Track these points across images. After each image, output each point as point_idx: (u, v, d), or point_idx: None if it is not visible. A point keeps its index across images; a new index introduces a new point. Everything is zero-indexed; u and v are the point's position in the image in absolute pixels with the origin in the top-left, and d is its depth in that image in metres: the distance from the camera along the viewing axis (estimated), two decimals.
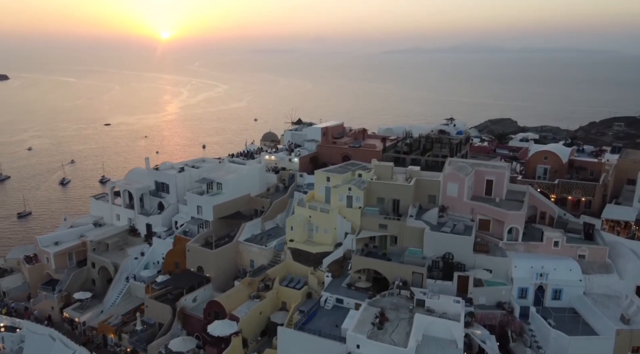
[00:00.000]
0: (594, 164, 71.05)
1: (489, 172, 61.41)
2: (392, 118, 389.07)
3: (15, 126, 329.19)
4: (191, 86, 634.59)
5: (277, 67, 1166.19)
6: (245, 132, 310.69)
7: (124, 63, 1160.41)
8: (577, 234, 59.34)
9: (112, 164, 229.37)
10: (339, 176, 65.84)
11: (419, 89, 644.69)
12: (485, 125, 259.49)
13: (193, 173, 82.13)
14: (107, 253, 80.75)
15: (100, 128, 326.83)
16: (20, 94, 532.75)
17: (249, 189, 78.54)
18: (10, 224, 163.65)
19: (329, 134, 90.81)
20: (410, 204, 61.21)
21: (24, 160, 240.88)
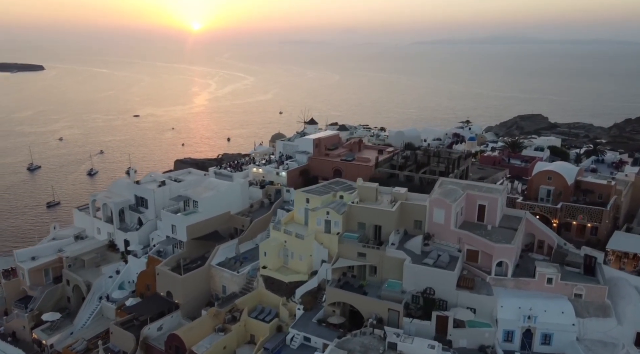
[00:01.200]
0: (602, 186, 64.15)
1: (481, 197, 55.58)
2: (417, 112, 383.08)
3: (48, 116, 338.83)
4: (219, 78, 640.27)
5: (305, 59, 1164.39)
6: (270, 125, 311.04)
7: (155, 55, 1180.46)
8: (576, 268, 53.48)
9: (138, 156, 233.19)
10: (317, 197, 60.22)
11: (449, 81, 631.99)
12: (514, 121, 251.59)
13: (173, 188, 77.04)
14: (83, 270, 76.00)
15: (129, 119, 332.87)
16: (55, 84, 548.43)
17: (229, 206, 73.15)
18: (39, 214, 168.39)
19: (321, 146, 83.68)
20: (393, 231, 55.72)
21: (54, 150, 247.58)
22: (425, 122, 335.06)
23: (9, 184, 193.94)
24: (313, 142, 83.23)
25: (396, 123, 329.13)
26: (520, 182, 69.57)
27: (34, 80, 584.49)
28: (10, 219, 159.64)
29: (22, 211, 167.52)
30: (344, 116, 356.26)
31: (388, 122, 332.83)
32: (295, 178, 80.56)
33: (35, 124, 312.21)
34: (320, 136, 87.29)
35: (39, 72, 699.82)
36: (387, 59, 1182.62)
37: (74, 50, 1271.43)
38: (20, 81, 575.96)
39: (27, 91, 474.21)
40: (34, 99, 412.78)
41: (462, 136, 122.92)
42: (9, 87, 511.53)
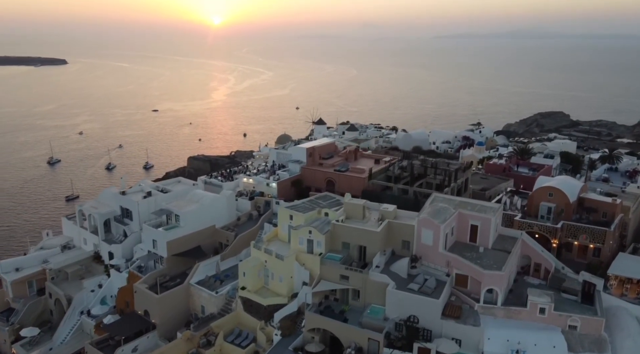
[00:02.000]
0: (606, 205, 59.70)
1: (474, 217, 51.96)
2: (436, 108, 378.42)
3: (69, 110, 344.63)
4: (238, 73, 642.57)
5: (324, 53, 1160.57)
6: (286, 120, 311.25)
7: (176, 49, 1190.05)
8: (573, 296, 49.23)
9: (155, 151, 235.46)
10: (301, 215, 56.39)
11: (470, 76, 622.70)
12: (535, 118, 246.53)
13: (159, 199, 73.21)
14: (66, 282, 73.16)
15: (148, 114, 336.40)
16: (77, 78, 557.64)
17: (213, 219, 69.86)
18: (59, 207, 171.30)
19: (315, 155, 79.31)
20: (378, 252, 52.13)
21: (74, 144, 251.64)
22: (443, 119, 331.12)
23: (30, 178, 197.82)
24: (306, 152, 79.13)
25: (414, 120, 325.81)
26: (520, 197, 65.06)
27: (56, 74, 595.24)
28: (29, 212, 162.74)
29: (41, 205, 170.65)
30: (360, 112, 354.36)
31: (406, 119, 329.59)
32: (287, 189, 76.59)
33: (56, 118, 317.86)
34: (315, 145, 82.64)
35: (62, 66, 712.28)
36: (407, 54, 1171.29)
37: (96, 45, 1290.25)
38: (43, 75, 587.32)
39: (49, 85, 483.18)
40: (56, 93, 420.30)
41: (472, 139, 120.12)
42: (32, 81, 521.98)
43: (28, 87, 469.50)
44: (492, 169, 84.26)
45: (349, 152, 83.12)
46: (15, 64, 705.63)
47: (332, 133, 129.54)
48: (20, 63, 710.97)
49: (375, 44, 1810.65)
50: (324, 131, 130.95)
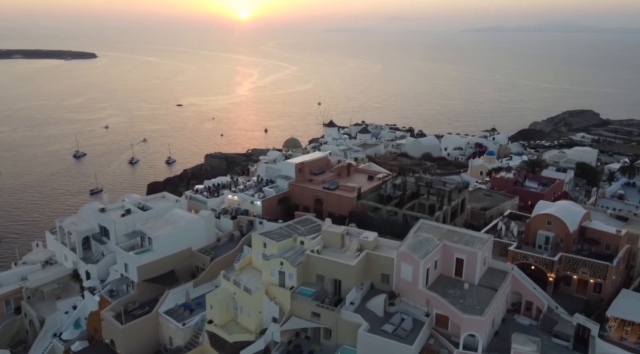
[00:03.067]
0: (610, 236, 53.81)
1: (459, 250, 47.69)
2: (461, 104, 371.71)
3: (96, 104, 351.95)
4: (262, 68, 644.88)
5: (349, 47, 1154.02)
6: (308, 116, 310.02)
7: (203, 43, 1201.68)
8: (565, 341, 44.31)
9: (177, 146, 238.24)
10: (274, 243, 52.34)
11: (497, 71, 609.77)
12: (563, 117, 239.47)
13: (138, 217, 68.84)
14: (42, 302, 69.92)
15: (172, 108, 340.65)
16: (105, 72, 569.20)
17: (190, 242, 65.44)
18: (83, 200, 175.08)
19: (305, 170, 74.27)
20: (354, 287, 47.79)
21: (99, 138, 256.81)
22: (468, 115, 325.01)
23: (55, 171, 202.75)
24: (295, 167, 73.92)
25: (438, 116, 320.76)
26: (517, 223, 59.56)
27: (86, 68, 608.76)
28: (53, 206, 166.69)
29: (66, 198, 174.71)
30: (382, 108, 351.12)
31: (429, 115, 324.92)
32: (273, 207, 71.43)
33: (83, 111, 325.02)
34: (305, 160, 76.77)
35: (91, 60, 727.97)
36: (433, 48, 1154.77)
37: (125, 39, 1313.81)
38: (73, 69, 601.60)
39: (78, 79, 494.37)
40: (84, 87, 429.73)
41: (485, 146, 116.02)
42: (62, 75, 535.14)
43: (58, 80, 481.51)
44: (498, 183, 78.61)
45: (342, 168, 77.18)
46: (48, 57, 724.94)
47: (343, 136, 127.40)
48: (52, 56, 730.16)
49: (401, 37, 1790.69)
50: (334, 134, 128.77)
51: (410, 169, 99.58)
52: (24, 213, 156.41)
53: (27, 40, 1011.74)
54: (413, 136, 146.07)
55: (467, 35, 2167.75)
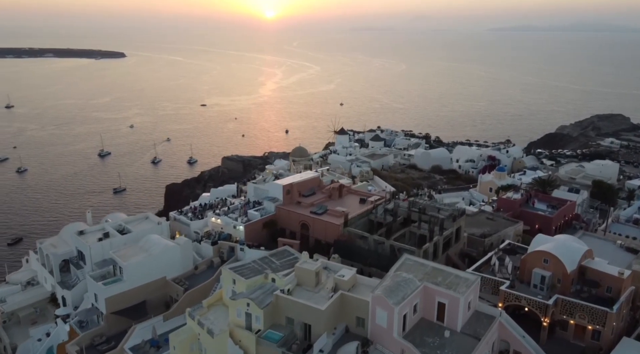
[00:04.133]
0: (611, 278, 48.59)
1: (441, 294, 43.84)
2: (486, 106, 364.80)
3: (122, 103, 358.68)
4: (286, 67, 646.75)
5: (373, 46, 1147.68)
6: (329, 117, 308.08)
7: (228, 43, 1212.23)
8: None
9: (199, 146, 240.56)
10: (243, 280, 48.49)
11: (525, 72, 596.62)
12: (591, 121, 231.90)
13: (116, 242, 65.06)
14: (17, 327, 67.47)
15: (196, 108, 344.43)
16: (133, 71, 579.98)
17: (164, 270, 61.27)
18: (106, 199, 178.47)
19: (293, 192, 69.34)
20: (325, 333, 43.75)
21: (124, 137, 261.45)
22: (494, 118, 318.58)
23: (80, 169, 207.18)
24: (283, 189, 68.82)
25: (462, 118, 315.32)
26: (512, 258, 53.97)
27: (115, 67, 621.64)
28: (76, 202, 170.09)
29: (89, 197, 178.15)
30: (405, 109, 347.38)
31: (453, 117, 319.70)
32: (257, 232, 66.32)
33: (110, 110, 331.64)
34: (294, 181, 71.21)
35: (120, 59, 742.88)
36: (459, 47, 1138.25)
37: (153, 38, 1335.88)
38: (102, 68, 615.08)
39: (107, 78, 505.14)
40: (112, 86, 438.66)
41: (498, 159, 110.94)
42: (92, 74, 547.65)
43: (87, 79, 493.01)
44: (504, 204, 72.62)
45: (333, 189, 71.30)
46: (78, 56, 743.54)
47: (353, 145, 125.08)
48: (82, 56, 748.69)
49: (427, 36, 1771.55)
50: (345, 142, 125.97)
51: (416, 184, 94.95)
52: (46, 212, 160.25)
53: (59, 39, 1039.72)
54: (429, 143, 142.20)
55: (494, 34, 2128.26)
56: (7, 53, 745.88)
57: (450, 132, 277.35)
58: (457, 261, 58.33)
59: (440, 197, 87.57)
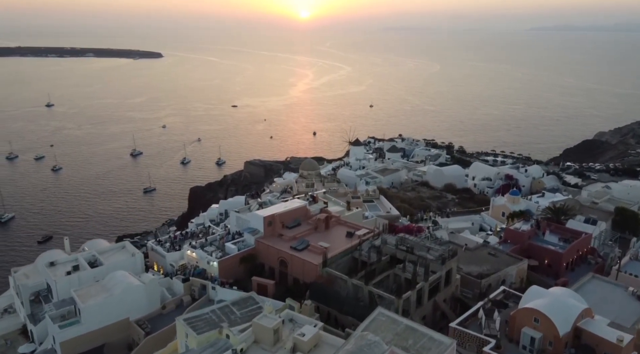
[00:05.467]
0: (609, 345, 42.34)
1: None
2: (523, 110, 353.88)
3: (156, 103, 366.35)
4: (317, 68, 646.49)
5: (407, 46, 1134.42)
6: (358, 119, 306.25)
7: (263, 43, 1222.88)
8: None
9: (227, 148, 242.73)
10: (194, 336, 44.63)
11: (564, 73, 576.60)
12: (632, 128, 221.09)
13: (84, 276, 60.69)
14: None
15: (228, 109, 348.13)
16: (169, 71, 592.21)
17: (127, 311, 56.89)
18: (136, 199, 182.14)
19: (276, 224, 63.25)
20: None
21: (156, 137, 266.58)
22: (528, 122, 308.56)
23: (111, 169, 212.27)
24: (264, 220, 62.66)
25: (496, 122, 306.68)
26: (503, 313, 47.26)
27: (151, 67, 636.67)
28: (106, 202, 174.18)
29: (119, 196, 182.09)
30: (436, 111, 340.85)
31: (486, 120, 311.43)
32: (234, 267, 60.27)
33: (144, 110, 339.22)
34: (276, 212, 64.42)
35: (157, 59, 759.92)
36: (497, 47, 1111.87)
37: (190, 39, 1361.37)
38: (140, 68, 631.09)
39: (143, 78, 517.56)
40: (148, 86, 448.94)
41: (516, 179, 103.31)
42: (129, 73, 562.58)
43: (124, 79, 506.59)
44: (512, 236, 65.30)
45: (319, 221, 64.42)
46: (117, 56, 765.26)
47: (367, 157, 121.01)
48: (121, 55, 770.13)
49: (463, 36, 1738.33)
50: (359, 153, 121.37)
51: (424, 205, 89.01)
52: (76, 211, 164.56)
53: (100, 39, 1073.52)
54: (450, 154, 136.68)
55: (534, 33, 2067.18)
56: (50, 52, 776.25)
57: (483, 136, 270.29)
58: (446, 309, 52.54)
59: (445, 221, 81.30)
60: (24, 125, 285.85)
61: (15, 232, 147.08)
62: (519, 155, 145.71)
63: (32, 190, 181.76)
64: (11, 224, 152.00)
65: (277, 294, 53.36)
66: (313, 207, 68.52)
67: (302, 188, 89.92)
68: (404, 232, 64.97)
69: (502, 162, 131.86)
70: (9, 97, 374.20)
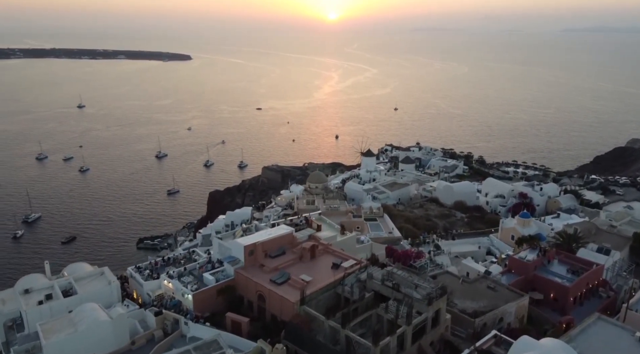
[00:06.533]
0: None
1: None
2: (554, 114, 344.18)
3: (183, 105, 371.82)
4: (343, 71, 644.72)
5: (436, 48, 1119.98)
6: (382, 123, 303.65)
7: (289, 46, 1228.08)
8: None
9: (250, 151, 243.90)
10: None
11: (599, 77, 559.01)
12: None
13: (57, 306, 58.15)
14: None
15: (252, 112, 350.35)
16: (197, 73, 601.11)
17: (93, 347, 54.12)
18: (159, 201, 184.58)
19: (258, 253, 58.43)
20: None
21: (181, 139, 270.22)
22: (559, 127, 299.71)
23: (136, 170, 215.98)
24: (245, 250, 57.96)
25: (524, 127, 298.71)
26: None
27: (180, 69, 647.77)
28: (130, 203, 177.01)
29: (142, 198, 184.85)
30: (463, 115, 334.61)
31: (515, 125, 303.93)
32: (211, 300, 56.09)
33: (171, 112, 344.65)
34: (259, 240, 59.50)
35: (186, 61, 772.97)
36: (529, 49, 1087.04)
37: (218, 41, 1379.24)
38: (169, 70, 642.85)
39: (172, 80, 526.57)
40: (176, 88, 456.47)
41: (530, 197, 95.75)
42: (159, 75, 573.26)
43: (154, 81, 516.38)
44: (516, 266, 59.41)
45: (304, 250, 58.89)
46: (148, 58, 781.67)
47: (378, 168, 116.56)
48: (151, 57, 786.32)
49: (494, 38, 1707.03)
50: (370, 165, 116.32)
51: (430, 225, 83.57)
52: (101, 211, 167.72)
53: (131, 41, 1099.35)
54: (468, 164, 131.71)
55: (568, 35, 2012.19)
56: (83, 54, 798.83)
57: (511, 141, 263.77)
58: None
59: (449, 244, 75.18)
60: (55, 126, 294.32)
61: (40, 233, 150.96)
62: (541, 166, 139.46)
63: (59, 190, 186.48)
64: (37, 224, 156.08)
65: (253, 331, 49.49)
66: (301, 234, 63.15)
67: (303, 205, 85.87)
68: (402, 257, 61.83)
69: (523, 173, 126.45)
70: (41, 98, 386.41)
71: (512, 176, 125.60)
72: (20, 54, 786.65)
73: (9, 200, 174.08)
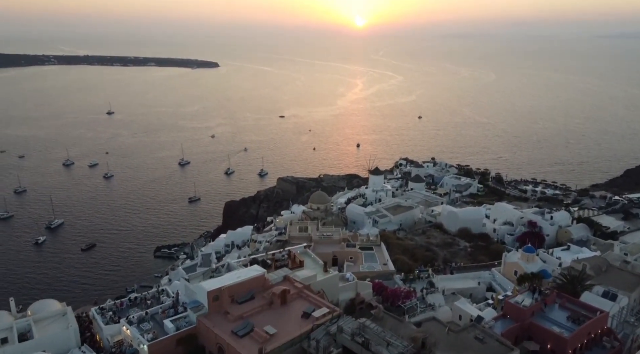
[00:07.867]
0: None
1: None
2: (583, 123, 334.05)
3: (208, 112, 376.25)
4: (368, 78, 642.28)
5: (464, 54, 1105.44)
6: (405, 131, 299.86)
7: (316, 53, 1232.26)
8: None
9: (270, 159, 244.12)
10: None
11: (633, 84, 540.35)
12: None
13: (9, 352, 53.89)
14: None
15: (275, 120, 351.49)
16: (224, 81, 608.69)
17: None
18: (179, 208, 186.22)
19: (223, 298, 53.13)
20: None
21: (204, 147, 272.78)
22: (589, 138, 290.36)
23: (159, 177, 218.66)
24: (208, 296, 52.70)
25: (552, 137, 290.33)
26: None
27: (207, 77, 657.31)
28: (151, 210, 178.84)
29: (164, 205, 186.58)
30: (489, 123, 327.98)
31: (543, 135, 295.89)
32: (169, 351, 51.07)
33: (196, 119, 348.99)
34: (225, 285, 53.52)
35: (214, 69, 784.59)
36: (559, 56, 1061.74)
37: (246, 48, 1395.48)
38: (197, 77, 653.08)
39: (199, 87, 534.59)
40: (202, 95, 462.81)
41: (540, 226, 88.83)
42: (186, 82, 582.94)
43: (181, 88, 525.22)
44: (512, 311, 53.37)
45: (274, 295, 53.30)
46: (177, 65, 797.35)
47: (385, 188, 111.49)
48: (180, 65, 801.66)
49: (523, 44, 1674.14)
50: (378, 184, 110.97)
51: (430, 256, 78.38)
52: (122, 218, 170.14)
53: (161, 48, 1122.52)
54: (483, 183, 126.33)
55: (601, 41, 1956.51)
56: (115, 61, 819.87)
57: (539, 153, 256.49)
58: None
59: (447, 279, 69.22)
60: (83, 132, 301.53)
61: (61, 239, 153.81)
62: (562, 185, 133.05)
63: (82, 197, 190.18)
64: (59, 231, 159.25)
65: None
66: (275, 275, 57.81)
67: (295, 232, 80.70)
68: (390, 296, 57.94)
69: (542, 192, 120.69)
70: (73, 104, 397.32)
71: (529, 195, 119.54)
72: (55, 61, 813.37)
73: (33, 206, 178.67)
